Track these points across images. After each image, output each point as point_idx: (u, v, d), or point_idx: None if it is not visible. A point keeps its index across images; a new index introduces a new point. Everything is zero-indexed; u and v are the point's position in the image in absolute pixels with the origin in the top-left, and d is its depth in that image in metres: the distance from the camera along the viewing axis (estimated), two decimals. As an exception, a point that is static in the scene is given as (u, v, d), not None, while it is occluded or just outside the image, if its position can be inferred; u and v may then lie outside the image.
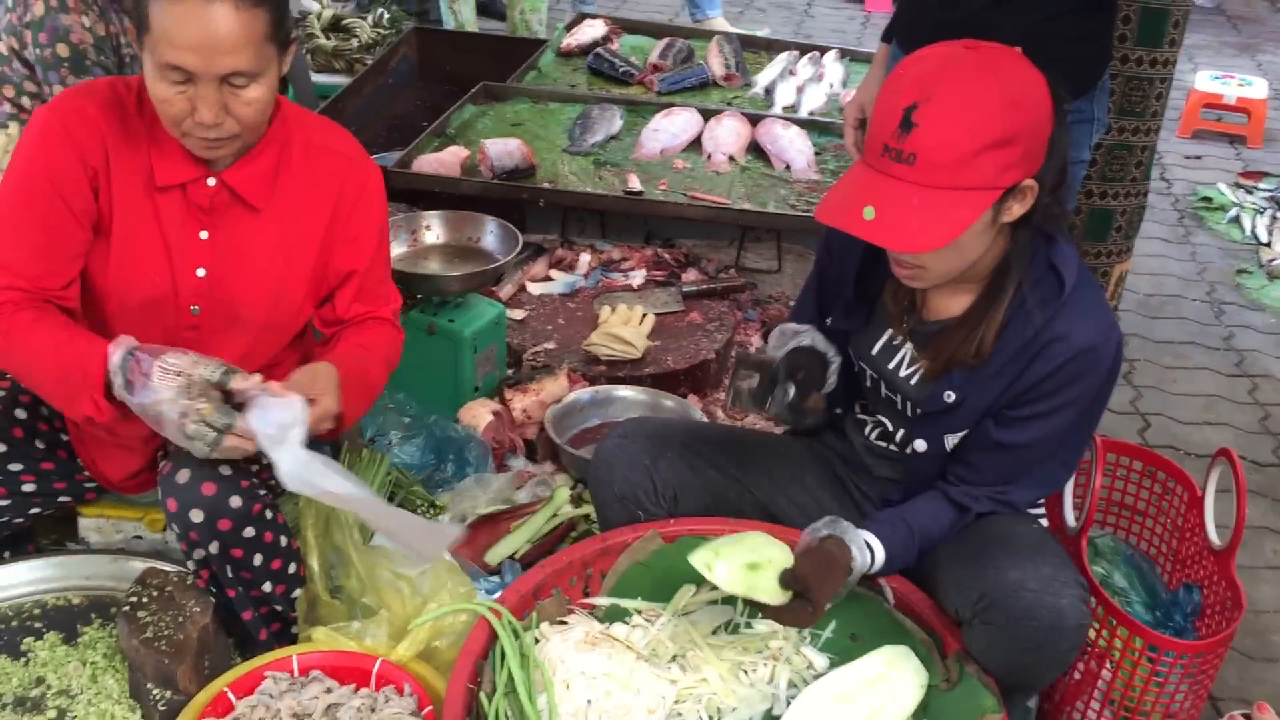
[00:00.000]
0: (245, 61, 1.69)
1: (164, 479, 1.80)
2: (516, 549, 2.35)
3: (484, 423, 2.67)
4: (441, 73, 4.70)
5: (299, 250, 1.92)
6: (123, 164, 1.82)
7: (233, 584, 1.86)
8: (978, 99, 1.56)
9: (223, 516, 1.78)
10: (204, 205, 1.85)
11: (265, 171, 1.87)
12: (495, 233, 2.90)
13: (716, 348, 3.07)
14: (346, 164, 1.95)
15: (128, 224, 1.84)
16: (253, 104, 1.73)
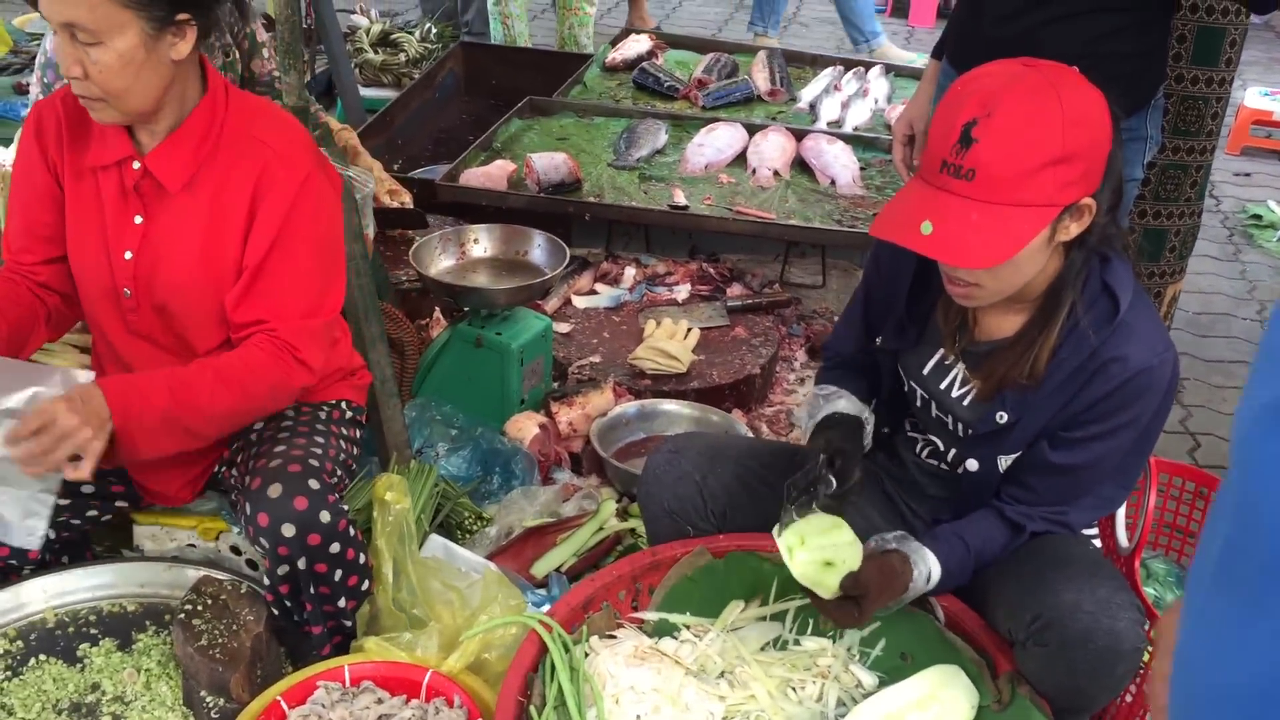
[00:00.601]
0: (80, 15, 1.71)
1: (253, 493, 1.82)
2: (563, 562, 2.35)
3: (530, 435, 2.68)
4: (487, 87, 4.74)
5: (223, 240, 1.90)
6: (74, 149, 1.92)
7: (311, 599, 1.88)
8: (1039, 115, 1.55)
9: (313, 531, 1.81)
10: (133, 188, 1.90)
11: (185, 156, 1.88)
12: (542, 246, 2.92)
13: (761, 362, 3.07)
14: (269, 155, 1.89)
15: (76, 205, 1.93)
16: (99, 66, 1.75)
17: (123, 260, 1.91)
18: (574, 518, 2.46)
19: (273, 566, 1.84)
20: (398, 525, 2.02)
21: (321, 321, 1.95)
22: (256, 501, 1.81)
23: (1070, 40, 2.01)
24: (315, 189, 1.91)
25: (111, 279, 1.92)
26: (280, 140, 1.92)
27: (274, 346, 1.88)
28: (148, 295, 1.93)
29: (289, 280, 1.90)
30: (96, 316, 1.99)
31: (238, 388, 1.85)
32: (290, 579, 1.86)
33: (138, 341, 1.98)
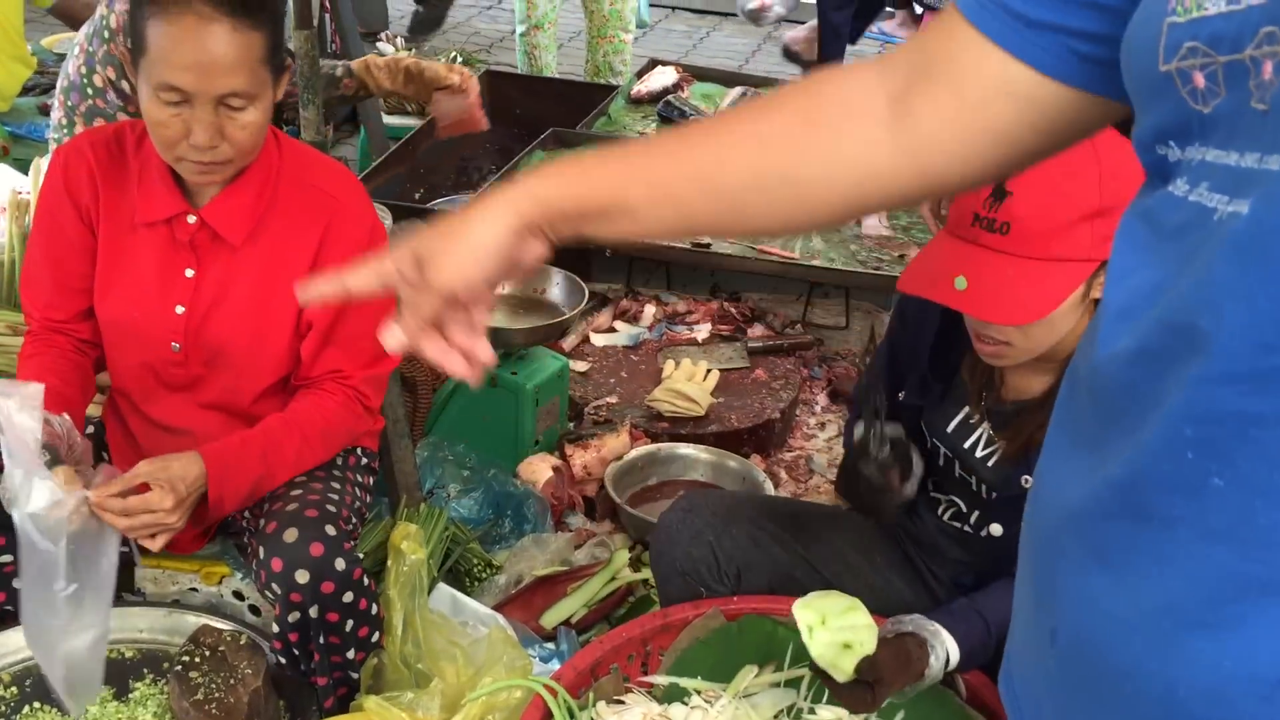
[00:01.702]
0: (242, 83, 1.71)
1: (268, 538, 1.79)
2: (573, 613, 2.30)
3: (544, 478, 2.63)
4: (512, 116, 4.70)
5: (281, 291, 1.86)
6: (111, 200, 1.87)
7: (320, 649, 1.84)
8: (1074, 168, 1.50)
9: (327, 579, 1.77)
10: (186, 242, 1.86)
11: (245, 207, 1.85)
12: (561, 284, 2.88)
13: (781, 406, 3.01)
14: (334, 204, 1.89)
15: (116, 258, 1.89)
16: (248, 127, 1.75)
17: (173, 314, 1.87)
18: (586, 567, 2.41)
19: (283, 613, 1.80)
20: (411, 576, 1.98)
21: (388, 369, 2.00)
22: (271, 546, 1.77)
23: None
24: (380, 237, 1.93)
25: (159, 333, 1.89)
26: (342, 189, 1.92)
27: (345, 396, 1.91)
28: (198, 349, 1.90)
29: (361, 329, 1.90)
30: (129, 369, 1.94)
31: (320, 443, 1.90)
32: (300, 627, 1.81)
33: (172, 395, 1.94)
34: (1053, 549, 0.76)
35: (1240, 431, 0.61)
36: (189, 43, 1.69)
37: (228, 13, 1.70)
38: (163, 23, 1.69)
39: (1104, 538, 0.70)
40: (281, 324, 1.90)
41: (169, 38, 1.69)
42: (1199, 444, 0.63)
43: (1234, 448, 0.62)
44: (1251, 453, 0.61)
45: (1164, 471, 0.65)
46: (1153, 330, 0.67)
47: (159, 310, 1.88)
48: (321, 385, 1.92)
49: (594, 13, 4.90)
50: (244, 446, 1.83)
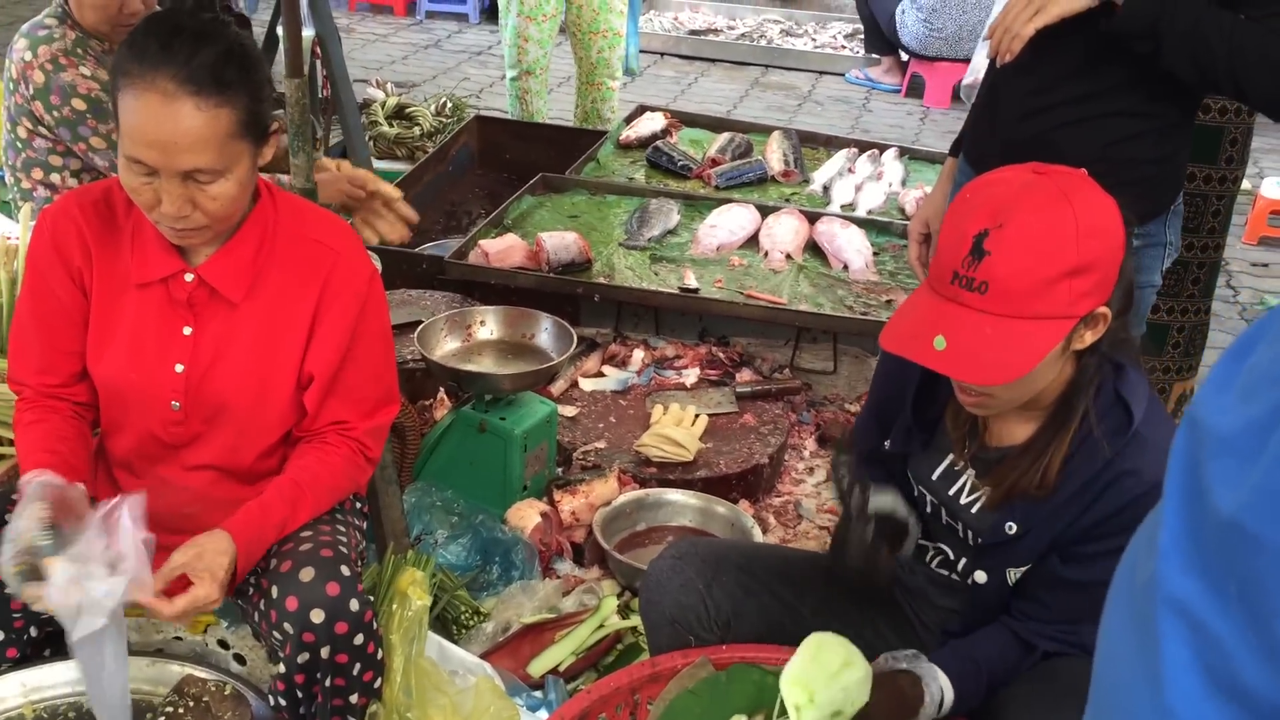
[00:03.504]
0: (207, 160, 1.69)
1: (282, 577, 1.78)
2: (561, 661, 2.28)
3: (532, 524, 2.63)
4: (501, 161, 4.75)
5: (282, 346, 1.86)
6: (104, 260, 1.85)
7: (325, 691, 1.82)
8: (1053, 227, 1.52)
9: (342, 619, 1.77)
10: (184, 300, 1.84)
11: (244, 264, 1.84)
12: (550, 330, 2.88)
13: (770, 451, 3.01)
14: (334, 258, 1.87)
15: (110, 319, 1.86)
16: (219, 199, 1.72)
17: (172, 373, 1.85)
18: (574, 614, 2.40)
19: (293, 653, 1.78)
20: (414, 622, 1.97)
21: (389, 419, 1.98)
22: (286, 584, 1.77)
23: (1087, 144, 1.98)
24: (379, 289, 1.93)
25: (159, 392, 1.87)
26: (339, 241, 1.90)
27: (349, 448, 1.90)
28: (199, 407, 1.88)
29: (363, 380, 1.91)
30: (123, 428, 1.92)
31: (329, 498, 1.90)
32: (309, 668, 1.79)
33: (172, 454, 1.93)
34: None
35: None
36: (152, 120, 1.67)
37: (193, 91, 1.67)
38: (130, 96, 1.68)
39: None
40: (283, 378, 1.88)
41: (134, 112, 1.68)
42: None
43: None
44: None
45: None
46: None
47: (158, 369, 1.86)
48: (325, 438, 1.90)
49: (583, 59, 4.95)
50: (265, 515, 1.82)
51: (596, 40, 4.88)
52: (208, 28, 1.75)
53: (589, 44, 4.88)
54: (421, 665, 1.95)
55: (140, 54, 1.69)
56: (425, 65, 6.81)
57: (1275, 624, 0.60)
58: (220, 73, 1.70)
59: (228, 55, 1.72)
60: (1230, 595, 0.63)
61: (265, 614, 1.81)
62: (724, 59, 7.25)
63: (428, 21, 7.64)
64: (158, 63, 1.67)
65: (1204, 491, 0.67)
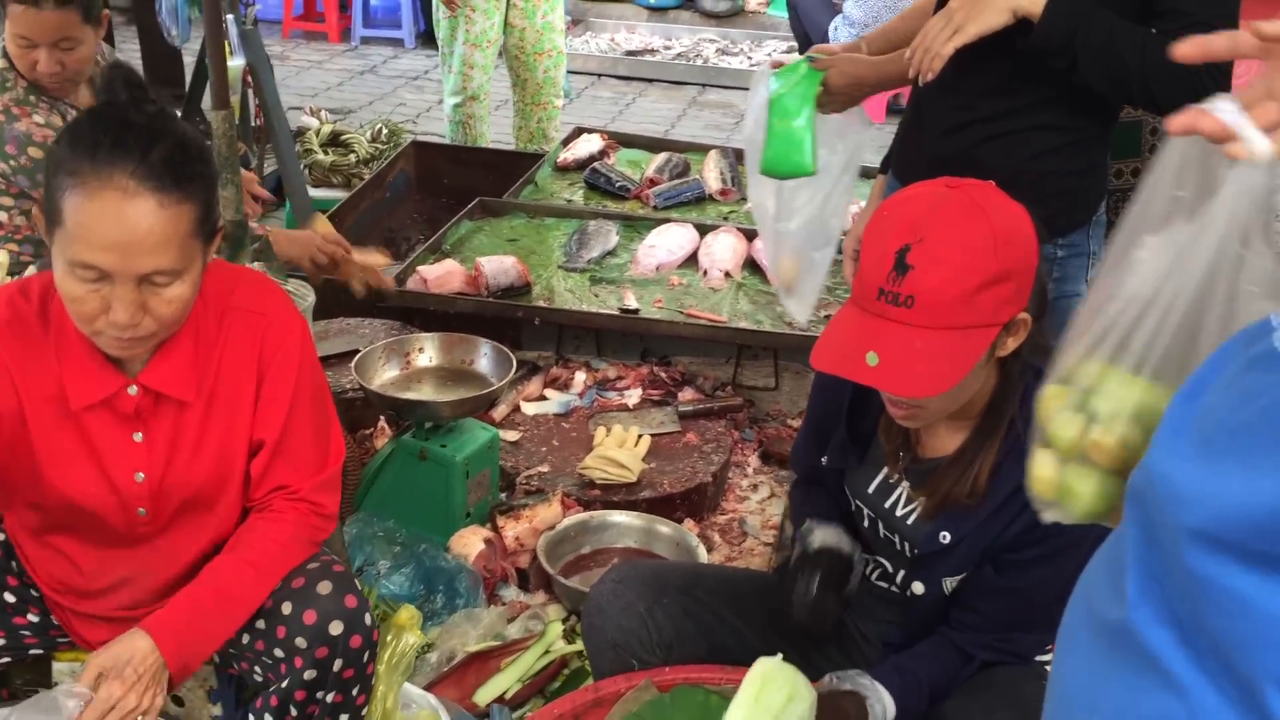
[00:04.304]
0: (168, 260, 1.58)
1: (297, 592, 1.77)
2: (506, 689, 2.27)
3: (475, 551, 2.61)
4: (439, 186, 4.73)
5: (236, 426, 1.80)
6: (31, 388, 1.70)
7: (322, 709, 1.79)
8: (971, 237, 1.55)
9: (357, 633, 1.76)
10: (131, 412, 1.74)
11: (185, 362, 1.74)
12: (489, 356, 2.87)
13: (713, 470, 3.02)
14: (262, 323, 1.80)
15: (49, 444, 1.73)
16: (174, 302, 1.62)
17: (134, 483, 1.77)
18: (519, 641, 2.39)
19: (301, 668, 1.75)
20: (403, 658, 1.96)
21: (336, 467, 1.90)
22: (302, 600, 1.76)
23: (1010, 157, 2.01)
24: (310, 341, 1.87)
25: (122, 503, 1.79)
26: (265, 304, 1.82)
27: (297, 512, 1.83)
28: (164, 506, 1.81)
29: (305, 441, 1.84)
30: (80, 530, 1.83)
31: (277, 568, 1.81)
32: (313, 685, 1.77)
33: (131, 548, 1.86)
34: None
35: None
36: (109, 221, 1.54)
37: (154, 188, 1.56)
38: (80, 197, 1.54)
39: None
40: (239, 452, 1.82)
41: (88, 214, 1.54)
42: None
43: None
44: None
45: None
46: None
47: (121, 483, 1.77)
48: (270, 505, 1.84)
49: (526, 81, 4.95)
50: (194, 605, 1.76)
51: (541, 61, 4.89)
52: (157, 121, 1.64)
53: (534, 65, 4.89)
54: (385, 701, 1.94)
55: (90, 150, 1.56)
56: (361, 91, 6.78)
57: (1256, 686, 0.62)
58: (179, 168, 1.59)
59: (183, 149, 1.62)
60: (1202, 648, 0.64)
61: (267, 632, 1.78)
62: (661, 79, 7.27)
63: (363, 47, 7.60)
64: (113, 159, 1.55)
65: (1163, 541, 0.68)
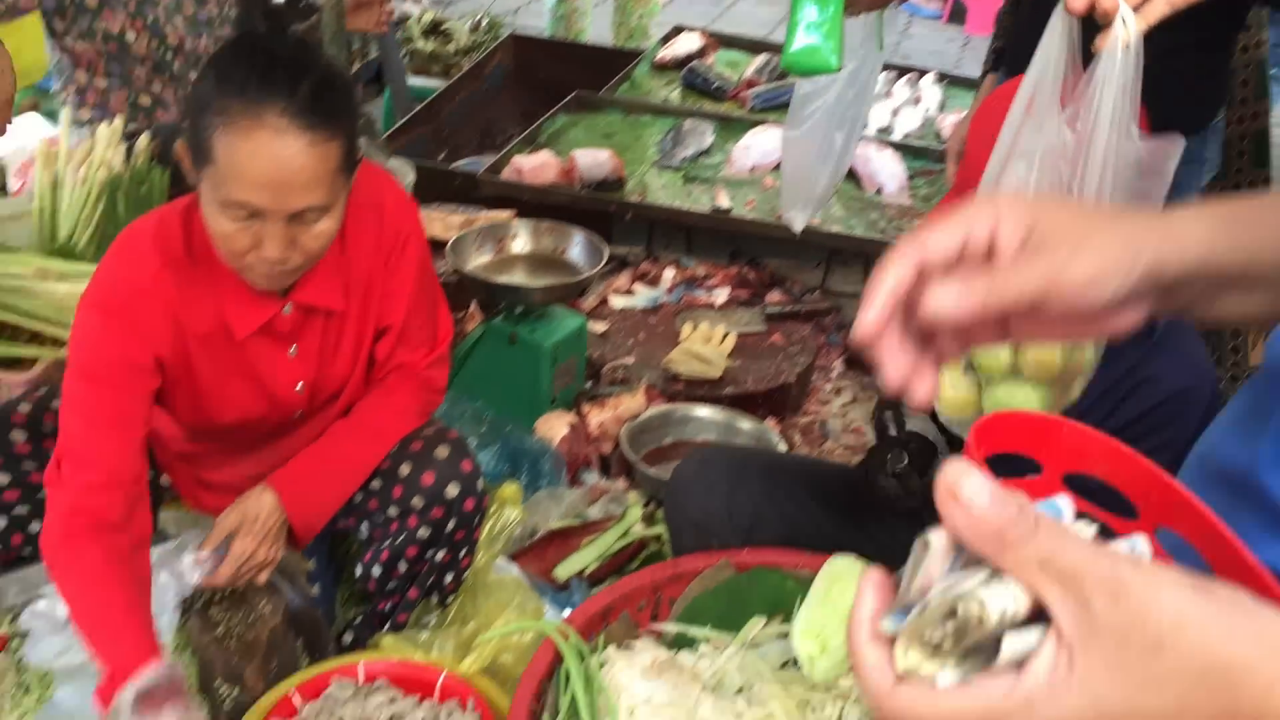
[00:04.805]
0: (318, 198, 1.60)
1: (415, 455, 1.86)
2: (585, 566, 2.33)
3: (559, 435, 2.66)
4: (535, 80, 4.72)
5: (368, 317, 1.88)
6: (195, 324, 1.73)
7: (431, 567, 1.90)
8: None
9: (471, 495, 1.87)
10: (287, 330, 1.80)
11: (330, 273, 1.79)
12: (582, 244, 2.89)
13: (797, 371, 3.03)
14: (380, 214, 1.84)
15: (213, 374, 1.79)
16: (321, 237, 1.65)
17: (294, 394, 1.85)
18: (599, 521, 2.44)
19: (416, 527, 1.85)
20: (504, 531, 2.05)
21: (446, 343, 1.99)
22: (422, 462, 1.85)
23: (1131, 56, 1.95)
24: (420, 225, 1.92)
25: (285, 413, 1.88)
26: (383, 195, 1.86)
27: (412, 384, 1.93)
28: (317, 404, 1.91)
29: (420, 321, 1.94)
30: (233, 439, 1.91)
31: (392, 435, 1.90)
32: (426, 542, 1.87)
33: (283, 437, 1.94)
34: None
35: None
36: (262, 160, 1.54)
37: (304, 125, 1.55)
38: (232, 135, 1.55)
39: None
40: (369, 341, 1.90)
41: (240, 153, 1.55)
42: None
43: None
44: None
45: None
46: None
47: (284, 397, 1.85)
48: (388, 380, 1.93)
49: None
50: (316, 465, 1.85)
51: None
52: (300, 54, 1.63)
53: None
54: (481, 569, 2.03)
55: (240, 88, 1.55)
56: (461, -17, 6.74)
57: None
58: (327, 104, 1.59)
59: (329, 84, 1.61)
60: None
61: (382, 491, 1.86)
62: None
63: (464, -61, 7.54)
64: (261, 96, 1.54)
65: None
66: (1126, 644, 0.49)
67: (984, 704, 0.51)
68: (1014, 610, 0.51)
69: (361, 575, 1.95)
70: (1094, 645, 0.50)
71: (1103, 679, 0.50)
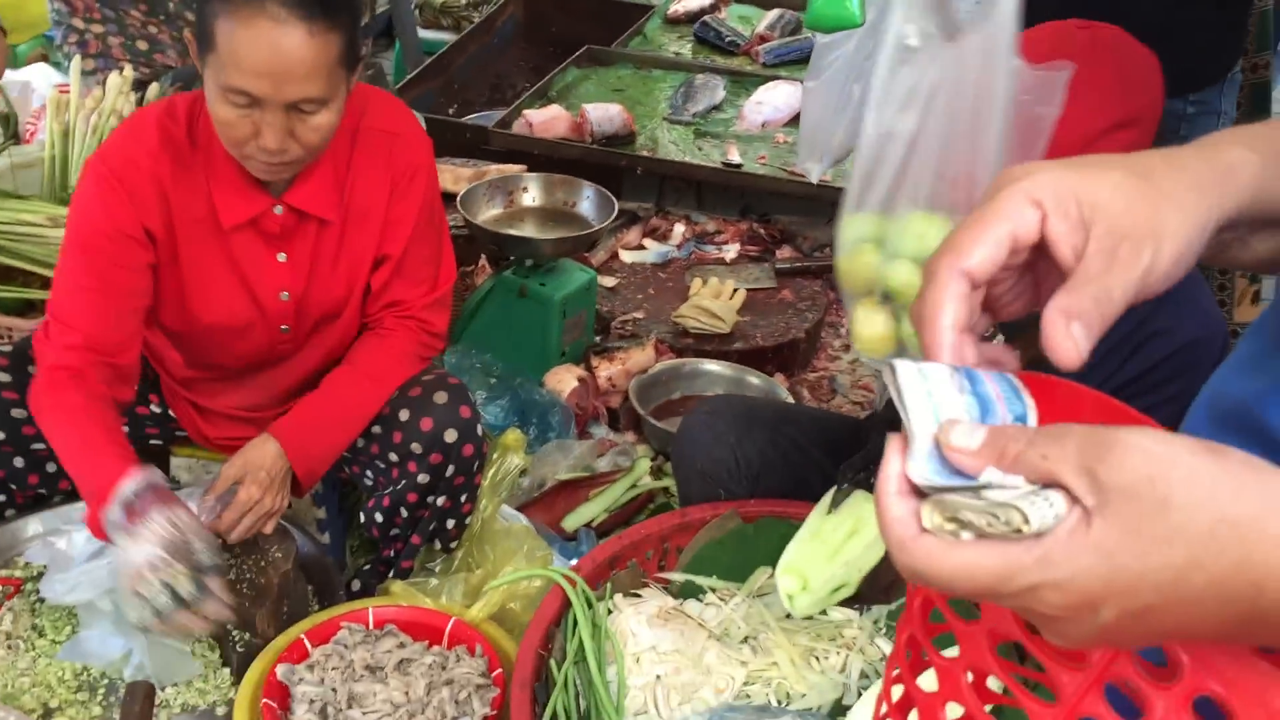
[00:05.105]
0: (316, 88, 1.61)
1: (415, 400, 1.87)
2: (594, 517, 2.35)
3: (569, 388, 2.67)
4: (546, 34, 4.69)
5: (366, 242, 1.87)
6: (184, 207, 1.76)
7: (432, 512, 1.92)
8: (1101, 79, 1.50)
9: (469, 442, 1.88)
10: (276, 232, 1.81)
11: (326, 183, 1.80)
12: (591, 198, 2.89)
13: (807, 327, 3.03)
14: (394, 142, 1.85)
15: (199, 264, 1.80)
16: (319, 129, 1.66)
17: (278, 302, 1.86)
18: (607, 473, 2.45)
19: (416, 472, 1.87)
20: (507, 477, 2.07)
21: (447, 288, 1.98)
22: (420, 408, 1.86)
23: (1150, 7, 1.93)
24: (433, 162, 1.92)
25: (269, 323, 1.87)
26: (396, 123, 1.87)
27: (407, 329, 1.93)
28: (304, 323, 1.91)
29: (421, 259, 1.92)
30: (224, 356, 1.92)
31: (391, 380, 1.90)
32: (425, 489, 1.89)
33: (275, 361, 1.96)
34: None
35: None
36: (261, 48, 1.56)
37: (304, 15, 1.57)
38: (233, 23, 1.57)
39: None
40: (365, 267, 1.89)
41: (239, 40, 1.56)
42: None
43: None
44: None
45: None
46: None
47: (267, 303, 1.85)
48: (382, 323, 1.93)
49: None
50: (316, 413, 1.86)
51: None
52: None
53: None
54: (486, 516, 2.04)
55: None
56: (472, -63, 6.68)
57: None
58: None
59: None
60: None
61: (383, 436, 1.88)
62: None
63: (475, -108, 7.46)
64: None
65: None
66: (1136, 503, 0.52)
67: (1001, 559, 0.54)
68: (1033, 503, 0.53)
69: (365, 522, 1.97)
70: (1108, 507, 0.52)
71: (1115, 538, 0.52)
